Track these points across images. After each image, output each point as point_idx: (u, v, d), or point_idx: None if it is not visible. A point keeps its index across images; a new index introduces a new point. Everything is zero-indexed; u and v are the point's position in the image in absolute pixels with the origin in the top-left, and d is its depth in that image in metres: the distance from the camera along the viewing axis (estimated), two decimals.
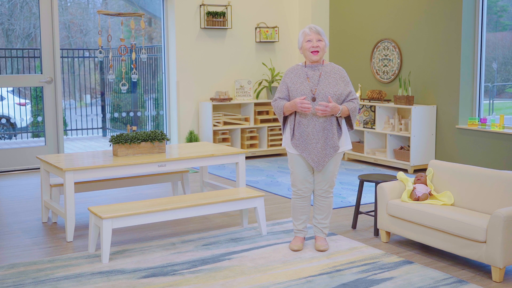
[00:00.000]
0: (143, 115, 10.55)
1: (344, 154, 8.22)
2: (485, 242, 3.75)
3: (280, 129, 8.59)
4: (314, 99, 4.09)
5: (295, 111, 4.15)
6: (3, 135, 9.04)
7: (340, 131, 4.16)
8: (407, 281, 3.71)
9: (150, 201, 4.45)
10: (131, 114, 10.49)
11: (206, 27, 8.27)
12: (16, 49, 9.97)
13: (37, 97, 9.26)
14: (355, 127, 8.03)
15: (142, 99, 10.63)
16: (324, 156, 4.11)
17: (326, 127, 4.09)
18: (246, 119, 8.42)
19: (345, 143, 4.20)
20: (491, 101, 7.38)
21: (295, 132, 4.16)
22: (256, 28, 8.72)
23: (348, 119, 4.20)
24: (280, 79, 8.58)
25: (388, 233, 4.51)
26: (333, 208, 5.51)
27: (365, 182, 5.77)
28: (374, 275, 3.83)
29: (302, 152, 4.14)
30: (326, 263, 4.04)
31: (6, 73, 8.54)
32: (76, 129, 10.69)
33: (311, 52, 4.12)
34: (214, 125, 8.12)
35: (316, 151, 4.10)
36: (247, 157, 8.26)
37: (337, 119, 4.14)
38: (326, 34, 8.87)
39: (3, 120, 9.24)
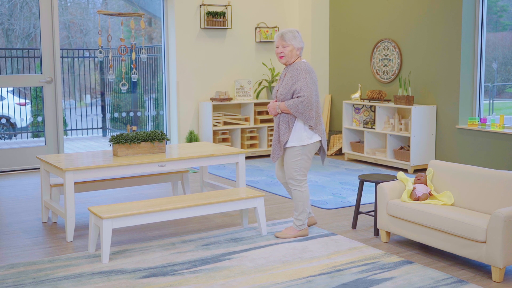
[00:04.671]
0: (143, 115, 10.55)
1: (344, 154, 8.22)
2: (485, 242, 3.75)
3: None
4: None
5: None
6: (3, 135, 9.04)
7: (288, 129, 4.45)
8: (407, 281, 3.71)
9: (150, 201, 4.45)
10: (131, 114, 10.49)
11: (206, 27, 8.27)
12: (16, 49, 9.97)
13: (37, 97, 9.26)
14: (356, 127, 8.04)
15: (142, 99, 10.63)
16: (275, 150, 4.54)
17: (278, 123, 4.51)
18: (246, 119, 8.42)
19: (293, 139, 4.46)
20: (491, 101, 7.38)
21: None
22: (256, 28, 8.72)
23: (297, 115, 4.41)
24: None
25: (388, 233, 4.51)
26: (333, 208, 5.52)
27: (365, 182, 5.77)
28: (374, 275, 3.83)
29: None
30: (326, 263, 4.04)
31: (6, 73, 8.54)
32: (76, 129, 10.69)
33: (279, 57, 4.52)
34: (214, 125, 8.12)
35: (273, 145, 4.57)
36: (247, 157, 8.26)
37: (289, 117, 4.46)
38: (326, 34, 8.88)
39: (3, 120, 9.25)
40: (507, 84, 7.55)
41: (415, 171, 7.26)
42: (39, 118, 9.17)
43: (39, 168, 7.11)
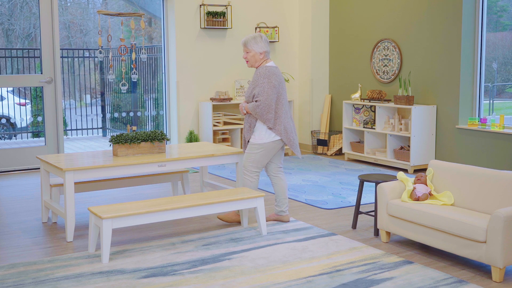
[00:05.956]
0: (143, 115, 10.55)
1: (344, 154, 8.23)
2: (485, 242, 3.75)
3: None
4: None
5: None
6: (3, 135, 9.04)
7: (250, 128, 4.86)
8: (407, 281, 3.71)
9: (150, 201, 4.45)
10: (131, 114, 10.49)
11: (206, 27, 8.27)
12: (16, 49, 9.97)
13: (37, 97, 9.26)
14: (356, 127, 8.04)
15: (142, 99, 10.64)
16: (244, 145, 4.97)
17: (246, 122, 4.89)
18: None
19: (253, 137, 4.85)
20: (491, 101, 7.38)
21: None
22: (256, 28, 8.71)
23: (256, 117, 4.80)
24: None
25: (388, 233, 4.51)
26: (333, 208, 5.52)
27: (365, 182, 5.77)
28: (374, 275, 3.83)
29: None
30: (326, 263, 4.04)
31: (6, 73, 8.54)
32: (76, 129, 10.69)
33: (246, 62, 4.90)
34: (214, 125, 8.11)
35: (243, 141, 4.99)
36: None
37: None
38: (326, 34, 8.88)
39: (3, 120, 9.25)
40: (507, 84, 7.56)
41: (415, 171, 7.26)
42: (39, 118, 9.17)
43: (39, 168, 7.11)
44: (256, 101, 4.74)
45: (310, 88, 8.88)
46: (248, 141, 4.91)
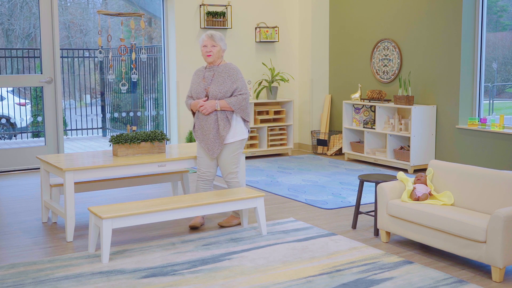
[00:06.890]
0: (143, 115, 10.55)
1: (344, 154, 8.22)
2: (485, 242, 3.75)
3: (279, 129, 8.60)
4: (207, 97, 4.79)
5: None
6: (3, 135, 9.04)
7: (229, 124, 4.76)
8: (407, 281, 3.71)
9: (150, 201, 4.45)
10: (131, 114, 10.49)
11: (206, 27, 8.27)
12: (16, 49, 9.97)
13: (37, 97, 9.27)
14: (356, 127, 8.05)
15: (142, 99, 10.63)
16: (215, 146, 4.79)
17: (217, 120, 4.76)
18: None
19: (233, 135, 4.81)
20: (491, 101, 7.38)
21: (196, 125, 4.89)
22: (256, 28, 8.71)
23: (239, 112, 4.77)
24: (280, 79, 8.59)
25: (388, 233, 4.51)
26: (333, 208, 5.52)
27: (365, 182, 5.77)
28: (374, 275, 3.83)
29: (201, 142, 4.86)
30: (326, 263, 4.04)
31: (6, 73, 8.54)
32: (76, 129, 10.69)
33: (206, 55, 4.77)
34: None
35: (209, 141, 4.79)
36: (247, 157, 8.26)
37: (228, 114, 4.76)
38: (326, 34, 8.88)
39: (3, 120, 9.25)
40: (507, 84, 7.56)
41: (415, 171, 7.26)
42: (39, 118, 9.18)
43: (39, 168, 7.11)
44: (240, 94, 4.77)
45: (310, 88, 8.88)
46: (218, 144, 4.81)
